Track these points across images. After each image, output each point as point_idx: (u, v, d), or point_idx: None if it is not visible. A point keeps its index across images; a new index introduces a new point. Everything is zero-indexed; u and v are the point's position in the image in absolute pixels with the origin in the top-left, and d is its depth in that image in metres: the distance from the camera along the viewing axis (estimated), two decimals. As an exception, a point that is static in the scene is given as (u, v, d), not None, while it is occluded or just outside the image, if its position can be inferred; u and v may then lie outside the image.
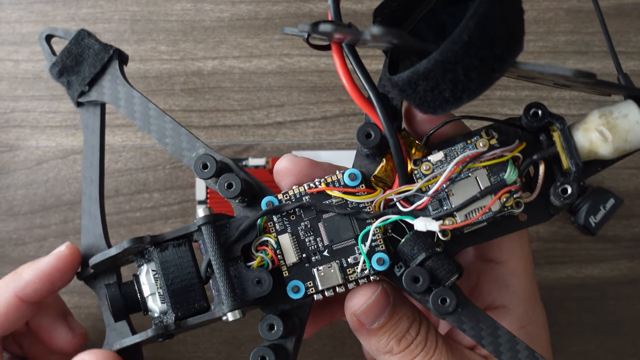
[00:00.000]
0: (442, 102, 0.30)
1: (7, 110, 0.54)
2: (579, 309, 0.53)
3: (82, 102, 0.42)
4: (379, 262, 0.36)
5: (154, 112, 0.40)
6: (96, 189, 0.41)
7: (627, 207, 0.53)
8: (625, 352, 0.52)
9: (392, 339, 0.37)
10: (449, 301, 0.35)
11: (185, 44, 0.55)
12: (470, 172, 0.35)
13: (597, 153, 0.34)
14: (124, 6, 0.55)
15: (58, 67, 0.42)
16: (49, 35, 0.42)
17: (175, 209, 0.53)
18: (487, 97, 0.54)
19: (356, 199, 0.36)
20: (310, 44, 0.35)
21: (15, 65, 0.54)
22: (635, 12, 0.55)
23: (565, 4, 0.55)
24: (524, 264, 0.41)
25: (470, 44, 0.28)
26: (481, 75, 0.29)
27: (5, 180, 0.53)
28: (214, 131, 0.54)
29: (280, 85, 0.54)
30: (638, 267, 0.53)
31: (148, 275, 0.37)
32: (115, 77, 0.41)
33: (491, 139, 0.35)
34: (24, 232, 0.53)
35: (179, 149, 0.39)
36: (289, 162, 0.38)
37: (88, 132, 0.42)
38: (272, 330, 0.36)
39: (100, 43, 0.42)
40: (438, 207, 0.35)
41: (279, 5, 0.55)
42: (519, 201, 0.35)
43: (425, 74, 0.30)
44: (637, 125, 0.34)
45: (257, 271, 0.36)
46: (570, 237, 0.53)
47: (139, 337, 0.37)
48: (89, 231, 0.41)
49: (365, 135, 0.36)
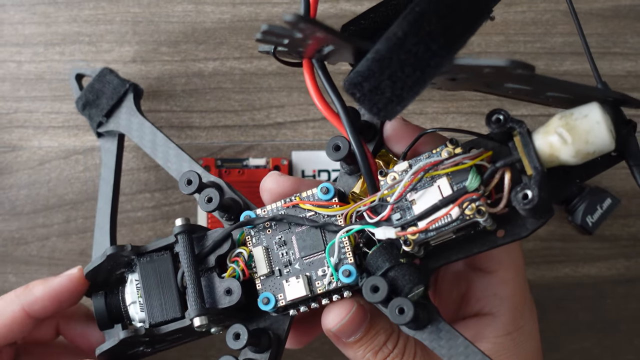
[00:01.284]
0: (386, 102, 0.30)
1: (10, 110, 0.55)
2: (576, 307, 0.53)
3: (101, 132, 0.47)
4: (344, 273, 0.36)
5: (161, 140, 0.44)
6: (109, 205, 0.45)
7: (624, 207, 0.53)
8: (622, 350, 0.53)
9: (368, 351, 0.37)
10: (406, 311, 0.34)
11: (187, 45, 0.55)
12: (435, 181, 0.35)
13: (558, 157, 0.32)
14: (126, 7, 0.56)
15: (82, 101, 0.47)
16: (79, 75, 0.49)
17: (176, 209, 0.54)
18: (486, 98, 0.54)
19: (326, 211, 0.37)
20: (279, 58, 0.36)
21: (18, 66, 0.55)
22: (632, 14, 0.55)
23: (563, 6, 0.55)
24: (513, 273, 0.41)
25: (404, 40, 0.29)
26: (417, 72, 0.29)
27: (8, 180, 0.54)
28: (214, 131, 0.54)
29: (281, 86, 0.55)
30: (635, 266, 0.53)
31: (131, 284, 0.39)
32: (130, 108, 0.46)
33: (455, 148, 0.35)
34: (26, 231, 0.53)
35: (180, 174, 0.40)
36: (274, 183, 0.39)
37: (106, 154, 0.46)
38: (237, 340, 0.36)
39: (119, 78, 0.47)
40: (401, 216, 0.35)
41: (279, 6, 0.56)
42: (480, 209, 0.33)
43: (364, 73, 0.30)
44: (598, 125, 0.31)
45: (227, 281, 0.37)
46: (567, 236, 0.53)
47: (112, 343, 0.38)
48: (100, 245, 0.43)
49: (334, 147, 0.36)
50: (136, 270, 0.38)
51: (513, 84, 0.32)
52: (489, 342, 0.39)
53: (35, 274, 0.53)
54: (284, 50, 0.35)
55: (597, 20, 0.55)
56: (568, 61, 0.55)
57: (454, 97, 0.55)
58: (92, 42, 0.55)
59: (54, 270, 0.53)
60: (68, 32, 0.55)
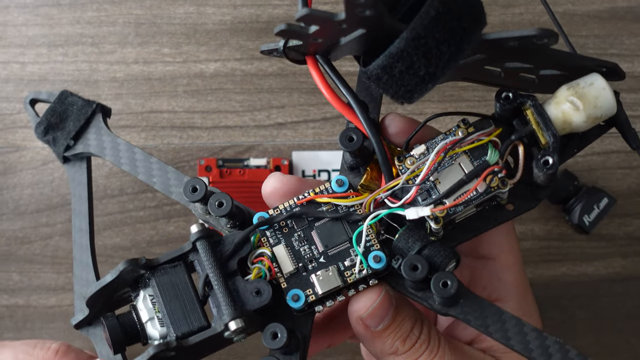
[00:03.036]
0: (418, 82, 0.31)
1: (13, 111, 0.55)
2: (573, 306, 0.53)
3: (67, 156, 0.43)
4: (375, 259, 0.36)
5: (140, 155, 0.41)
6: (86, 238, 0.41)
7: (620, 206, 0.54)
8: (618, 348, 0.53)
9: (396, 339, 0.37)
10: (450, 283, 0.34)
11: (188, 47, 0.56)
12: (453, 160, 0.36)
13: (570, 123, 0.35)
14: (128, 9, 0.56)
15: (43, 125, 0.43)
16: (33, 100, 0.44)
17: (177, 208, 0.54)
18: (484, 98, 0.55)
19: (346, 202, 0.36)
20: (288, 56, 0.36)
21: (21, 67, 0.55)
22: (629, 16, 0.56)
23: (560, 8, 0.56)
24: (514, 258, 0.41)
25: (438, 18, 0.30)
26: (452, 47, 0.31)
27: (12, 180, 0.54)
28: (216, 132, 0.55)
29: (281, 87, 0.55)
30: (631, 265, 0.54)
31: (145, 301, 0.37)
32: (99, 128, 0.42)
33: (469, 128, 0.36)
34: (30, 230, 0.54)
35: (167, 186, 0.39)
36: (278, 182, 0.38)
37: (75, 184, 0.43)
38: (276, 338, 0.35)
39: (83, 100, 0.43)
40: (426, 196, 0.36)
41: (280, 8, 0.56)
42: (504, 179, 0.35)
43: (398, 54, 0.31)
44: (604, 90, 0.35)
45: (255, 282, 0.36)
46: (564, 235, 0.54)
47: (142, 358, 0.35)
48: (81, 279, 0.41)
49: (348, 138, 0.36)
50: (150, 285, 0.37)
51: (517, 62, 0.34)
52: None
53: (38, 272, 0.54)
54: (293, 47, 0.35)
55: (594, 22, 0.55)
56: (565, 62, 0.55)
57: (452, 97, 0.55)
58: (95, 43, 0.56)
59: (57, 269, 0.53)
60: (71, 34, 0.56)
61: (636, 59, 0.55)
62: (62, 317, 0.53)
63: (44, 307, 0.53)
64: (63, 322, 0.53)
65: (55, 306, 0.53)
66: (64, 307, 0.53)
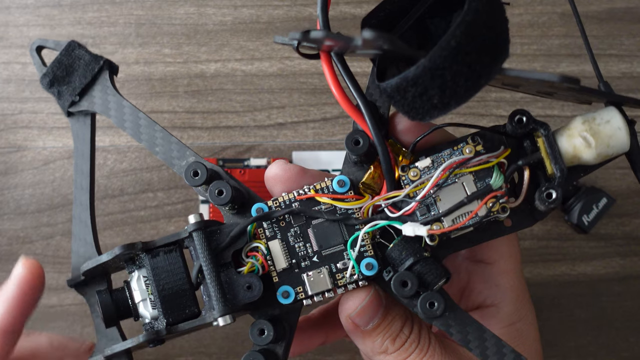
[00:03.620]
0: (430, 108, 0.31)
1: (15, 111, 0.55)
2: (572, 305, 0.53)
3: (72, 112, 0.42)
4: (367, 267, 0.36)
5: (144, 121, 0.40)
6: (87, 196, 0.41)
7: (619, 206, 0.54)
8: (617, 347, 0.53)
9: (386, 338, 0.37)
10: (437, 305, 0.35)
11: (189, 47, 0.56)
12: (457, 178, 0.35)
13: (580, 158, 0.35)
14: (129, 10, 0.56)
15: (49, 77, 0.42)
16: (40, 47, 0.43)
17: (178, 208, 0.54)
18: (483, 99, 0.55)
19: (345, 204, 0.36)
20: (300, 52, 0.36)
21: (22, 68, 0.56)
22: (627, 16, 0.56)
23: (559, 8, 0.56)
24: (513, 264, 0.41)
25: (458, 50, 0.29)
26: (468, 82, 0.30)
27: (13, 180, 0.55)
28: (216, 132, 0.55)
29: (281, 87, 0.56)
30: (630, 265, 0.54)
31: (139, 281, 0.37)
32: (105, 87, 0.41)
33: (477, 145, 0.36)
34: (31, 230, 0.54)
35: (169, 157, 0.39)
36: (280, 169, 0.38)
37: (78, 140, 0.42)
38: (263, 335, 0.36)
39: (91, 54, 0.42)
40: (426, 212, 0.35)
41: (280, 9, 0.56)
42: (504, 206, 0.35)
43: (414, 80, 0.30)
44: (619, 130, 0.34)
45: (247, 277, 0.36)
46: (563, 235, 0.54)
47: (130, 343, 0.37)
48: (80, 238, 0.41)
49: (354, 142, 0.36)
50: (145, 266, 0.37)
51: (539, 88, 0.34)
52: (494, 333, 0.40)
53: (39, 272, 0.54)
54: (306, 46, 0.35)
55: (593, 23, 0.56)
56: (564, 63, 0.55)
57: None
58: (96, 44, 0.56)
59: (58, 269, 0.54)
60: (72, 34, 0.56)
61: (635, 59, 0.55)
62: (63, 317, 0.53)
63: (45, 306, 0.53)
64: (64, 321, 0.53)
65: (57, 305, 0.54)
66: (65, 306, 0.54)
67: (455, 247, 0.37)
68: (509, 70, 0.30)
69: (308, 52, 0.36)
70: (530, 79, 0.30)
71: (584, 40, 0.38)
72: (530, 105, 0.55)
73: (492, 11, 0.30)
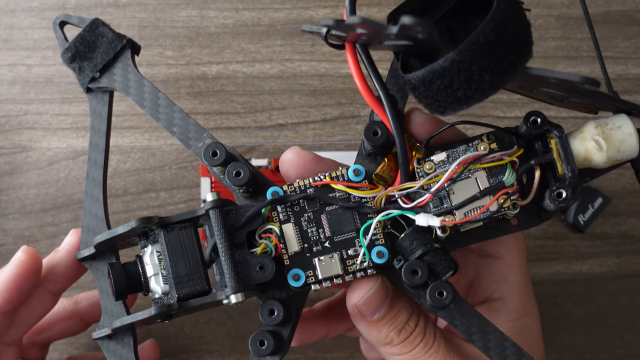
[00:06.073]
0: (453, 101, 0.31)
1: (19, 112, 0.56)
2: (568, 303, 0.54)
3: (91, 87, 0.42)
4: (378, 255, 0.37)
5: (163, 101, 0.41)
6: (100, 172, 0.42)
7: (614, 206, 0.54)
8: (612, 345, 0.54)
9: (392, 330, 0.38)
10: (445, 294, 0.36)
11: (191, 49, 0.56)
12: (471, 173, 0.36)
13: (590, 161, 0.36)
14: (132, 13, 0.57)
15: (71, 52, 0.42)
16: (63, 22, 0.42)
17: (181, 208, 0.55)
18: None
19: (359, 193, 0.37)
20: (328, 42, 0.36)
21: (27, 69, 0.56)
22: (622, 19, 0.56)
23: (555, 11, 0.57)
24: (520, 259, 0.42)
25: (487, 46, 0.30)
26: (494, 77, 0.31)
27: (18, 180, 0.55)
28: (218, 133, 0.55)
29: (282, 88, 0.56)
30: (625, 264, 0.54)
31: (152, 256, 0.38)
32: (126, 65, 0.42)
33: (492, 143, 0.37)
34: (36, 229, 0.55)
35: (186, 138, 0.40)
36: (295, 155, 0.39)
37: (95, 117, 0.42)
38: (273, 315, 0.37)
39: (114, 32, 0.42)
40: (438, 204, 0.36)
41: (281, 12, 0.57)
42: (515, 203, 0.36)
43: (441, 73, 0.31)
44: (630, 136, 0.35)
45: (260, 257, 0.36)
46: (560, 234, 0.55)
47: (141, 315, 0.37)
48: (91, 213, 0.41)
49: (373, 132, 0.37)
50: (159, 241, 0.37)
51: (550, 89, 0.35)
52: (500, 327, 0.40)
53: (44, 270, 0.54)
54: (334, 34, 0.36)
55: (589, 25, 0.56)
56: (560, 65, 0.56)
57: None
58: (100, 46, 0.56)
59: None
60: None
61: (630, 61, 0.56)
62: (68, 315, 0.54)
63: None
64: (68, 319, 0.54)
65: (61, 304, 0.54)
66: (69, 304, 0.54)
67: (462, 242, 0.38)
68: (532, 69, 0.31)
69: (335, 42, 0.37)
70: (552, 78, 0.31)
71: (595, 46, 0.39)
72: (527, 107, 0.55)
73: (518, 12, 0.31)
